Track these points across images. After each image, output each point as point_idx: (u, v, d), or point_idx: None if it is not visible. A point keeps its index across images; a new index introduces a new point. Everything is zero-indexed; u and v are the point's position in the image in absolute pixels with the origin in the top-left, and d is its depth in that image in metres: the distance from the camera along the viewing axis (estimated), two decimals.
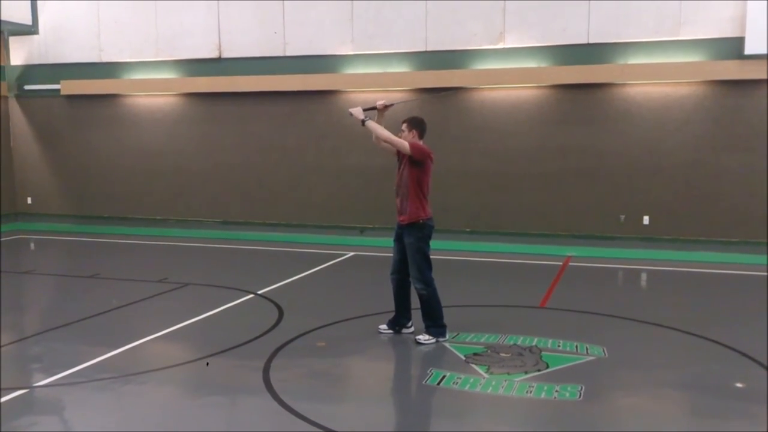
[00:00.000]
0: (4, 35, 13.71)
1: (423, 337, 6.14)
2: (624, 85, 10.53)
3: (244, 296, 7.99)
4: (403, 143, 5.97)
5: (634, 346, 6.23)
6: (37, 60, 13.62)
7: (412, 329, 6.41)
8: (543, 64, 10.80)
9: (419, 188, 6.00)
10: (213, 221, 12.87)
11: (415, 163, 5.97)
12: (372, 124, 6.17)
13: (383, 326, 6.46)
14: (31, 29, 13.40)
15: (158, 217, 13.20)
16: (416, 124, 6.12)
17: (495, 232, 11.31)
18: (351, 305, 7.44)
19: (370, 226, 11.94)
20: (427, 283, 6.11)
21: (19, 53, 13.75)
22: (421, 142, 6.11)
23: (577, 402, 4.89)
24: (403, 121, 6.18)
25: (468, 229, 11.47)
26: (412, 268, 6.11)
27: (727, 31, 9.99)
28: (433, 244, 10.98)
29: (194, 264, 10.38)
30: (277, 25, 11.99)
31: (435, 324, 6.15)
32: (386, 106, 6.35)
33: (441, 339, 6.14)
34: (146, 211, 13.29)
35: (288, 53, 12.00)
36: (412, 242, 6.05)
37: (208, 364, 5.55)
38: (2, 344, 6.39)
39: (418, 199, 5.98)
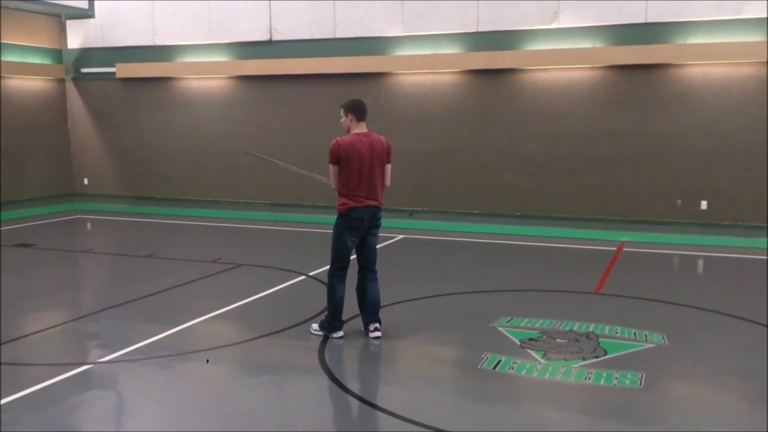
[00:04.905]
0: (61, 19, 14.04)
1: (314, 326, 6.05)
2: (683, 65, 10.23)
3: (297, 277, 8.06)
4: (330, 170, 5.82)
5: (694, 333, 6.09)
6: (93, 43, 13.90)
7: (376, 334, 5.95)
8: (598, 45, 10.55)
9: (340, 183, 5.78)
10: (263, 203, 12.99)
11: (333, 162, 5.77)
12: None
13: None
14: (87, 13, 13.67)
15: (209, 199, 13.40)
16: (349, 108, 5.84)
17: (546, 216, 11.16)
18: (402, 288, 7.44)
19: (419, 209, 11.92)
20: (329, 275, 5.93)
21: (76, 37, 14.04)
22: (348, 136, 5.79)
23: (638, 390, 4.80)
24: (340, 106, 5.94)
25: (518, 213, 11.34)
26: None
27: None
28: (484, 228, 11.11)
29: (246, 245, 10.51)
30: (327, 7, 11.97)
31: (327, 317, 5.97)
32: None
33: (329, 334, 5.91)
34: (198, 192, 13.50)
35: (338, 35, 11.98)
36: (333, 229, 5.88)
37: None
38: (63, 322, 6.59)
39: (342, 193, 5.78)
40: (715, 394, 4.90)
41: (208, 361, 5.41)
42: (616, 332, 5.97)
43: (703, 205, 10.32)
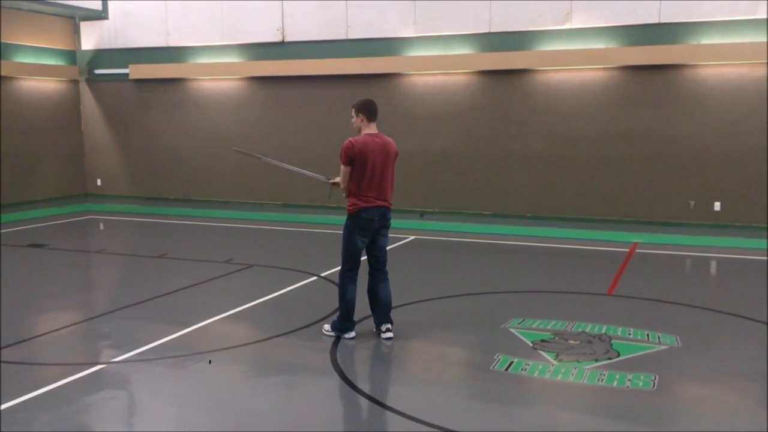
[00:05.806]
0: (75, 21, 14.13)
1: (325, 327, 6.06)
2: (696, 66, 10.16)
3: (308, 278, 8.07)
4: (341, 171, 5.78)
5: (708, 335, 6.05)
6: (106, 45, 13.98)
7: (388, 334, 5.94)
8: (611, 45, 10.50)
9: (351, 183, 5.74)
10: (274, 204, 13.02)
11: (347, 163, 5.73)
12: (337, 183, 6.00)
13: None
14: (101, 14, 13.77)
15: (221, 200, 13.44)
16: (361, 108, 5.85)
17: (558, 217, 11.12)
18: (414, 289, 7.44)
19: (430, 210, 11.90)
20: (340, 276, 5.92)
21: (90, 38, 14.13)
22: (360, 136, 5.79)
23: (651, 391, 4.77)
24: (351, 107, 5.93)
25: (529, 214, 11.31)
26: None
27: None
28: (495, 229, 11.07)
29: (257, 246, 10.54)
30: (339, 8, 11.98)
31: (338, 318, 5.96)
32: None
33: (341, 335, 5.91)
34: (210, 193, 13.54)
35: (350, 36, 11.99)
36: (343, 230, 5.86)
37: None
38: (76, 322, 6.63)
39: (352, 193, 5.76)
40: (728, 396, 4.86)
41: (210, 362, 5.41)
42: (629, 334, 5.94)
43: (717, 206, 10.24)
